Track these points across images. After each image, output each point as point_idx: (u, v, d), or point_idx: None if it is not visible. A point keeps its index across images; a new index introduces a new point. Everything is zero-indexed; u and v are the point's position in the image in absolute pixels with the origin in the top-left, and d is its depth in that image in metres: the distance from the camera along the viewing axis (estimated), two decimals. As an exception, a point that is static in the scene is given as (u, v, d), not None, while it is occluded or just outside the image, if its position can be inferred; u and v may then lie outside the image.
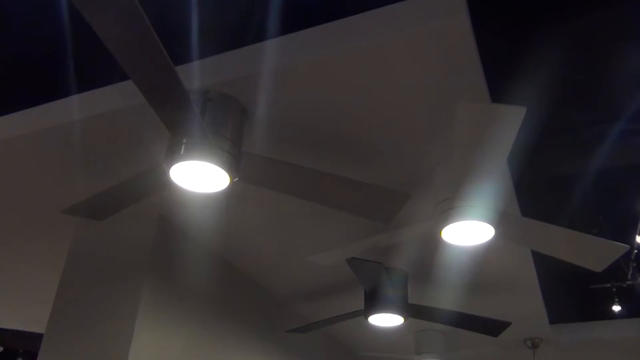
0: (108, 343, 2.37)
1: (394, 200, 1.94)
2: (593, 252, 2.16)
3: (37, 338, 3.39)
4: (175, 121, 1.66)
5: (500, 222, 2.11)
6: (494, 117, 1.55)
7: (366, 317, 3.03)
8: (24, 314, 4.06)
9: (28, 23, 2.39)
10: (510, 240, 2.29)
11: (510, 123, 1.52)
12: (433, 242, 2.49)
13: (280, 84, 1.80)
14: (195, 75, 1.84)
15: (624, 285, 4.49)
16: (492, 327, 3.08)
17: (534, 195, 2.97)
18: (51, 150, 2.21)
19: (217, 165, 1.73)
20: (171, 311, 2.63)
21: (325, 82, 1.79)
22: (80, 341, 2.45)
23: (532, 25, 2.41)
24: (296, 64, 1.74)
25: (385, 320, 3.03)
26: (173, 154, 1.72)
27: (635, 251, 3.79)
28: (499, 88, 1.92)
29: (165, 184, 1.91)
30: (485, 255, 2.82)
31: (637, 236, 3.59)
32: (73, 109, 2.06)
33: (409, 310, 3.03)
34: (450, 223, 2.12)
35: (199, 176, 1.81)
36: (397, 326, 3.13)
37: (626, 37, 2.40)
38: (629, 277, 4.38)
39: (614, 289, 4.53)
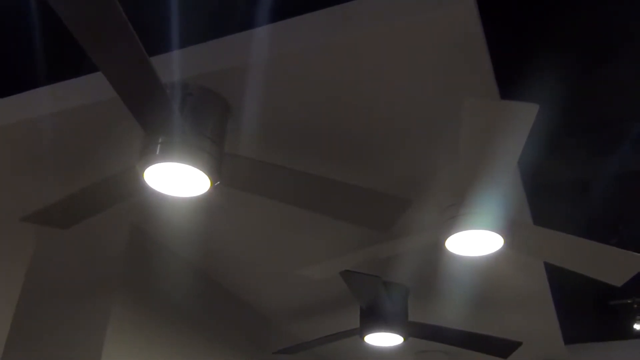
0: (73, 366, 2.34)
1: (394, 206, 1.94)
2: (612, 265, 2.17)
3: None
4: (150, 118, 1.64)
5: (510, 231, 2.12)
6: (503, 115, 1.56)
7: (362, 337, 3.03)
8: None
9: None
10: (521, 251, 2.30)
11: (521, 122, 1.52)
12: (436, 253, 2.50)
13: (267, 77, 1.79)
14: (173, 66, 1.83)
15: (646, 301, 4.52)
16: (501, 348, 3.09)
17: (548, 202, 2.99)
18: (9, 150, 2.19)
19: (196, 167, 1.72)
20: (144, 331, 2.61)
21: (318, 76, 1.78)
22: (42, 363, 2.42)
23: (546, 17, 2.43)
24: (286, 55, 1.74)
25: (383, 339, 3.03)
26: (148, 155, 1.71)
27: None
28: (509, 83, 1.93)
29: (139, 188, 1.89)
30: (493, 267, 2.83)
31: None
32: (35, 103, 2.04)
33: (410, 329, 3.03)
34: (455, 232, 2.12)
35: (176, 179, 1.80)
36: (396, 346, 3.12)
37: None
38: (652, 292, 4.41)
39: (636, 305, 4.56)
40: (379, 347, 3.16)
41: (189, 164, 1.71)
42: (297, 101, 1.89)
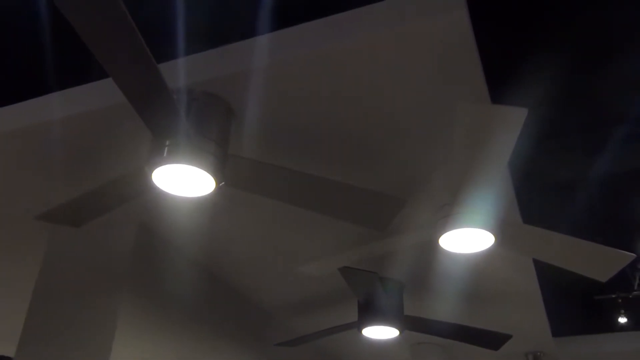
0: None
1: (390, 206, 1.95)
2: (598, 261, 2.18)
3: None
4: (157, 122, 1.66)
5: (501, 229, 2.13)
6: (494, 118, 1.57)
7: (360, 330, 3.04)
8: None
9: (3, 18, 2.38)
10: (511, 249, 2.31)
11: (511, 125, 1.54)
12: (430, 251, 2.51)
13: (268, 82, 1.80)
14: (180, 73, 1.84)
15: (630, 296, 4.54)
16: (492, 340, 3.10)
17: (536, 202, 3.00)
18: (24, 151, 2.19)
19: (202, 168, 1.73)
20: (152, 325, 2.62)
21: (316, 81, 1.80)
22: (54, 359, 2.42)
23: (534, 26, 2.44)
24: (286, 61, 1.75)
25: (380, 332, 3.04)
26: (155, 157, 1.72)
27: (642, 260, 3.83)
28: (499, 88, 1.94)
29: (147, 189, 1.90)
30: (485, 264, 2.84)
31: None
32: (48, 108, 2.05)
33: (405, 322, 3.04)
34: (449, 230, 2.13)
35: (182, 180, 1.81)
36: (393, 339, 3.13)
37: (630, 38, 2.44)
38: (636, 287, 4.43)
39: (620, 300, 4.58)
40: (376, 339, 3.17)
41: (195, 166, 1.72)
42: (297, 104, 1.90)
